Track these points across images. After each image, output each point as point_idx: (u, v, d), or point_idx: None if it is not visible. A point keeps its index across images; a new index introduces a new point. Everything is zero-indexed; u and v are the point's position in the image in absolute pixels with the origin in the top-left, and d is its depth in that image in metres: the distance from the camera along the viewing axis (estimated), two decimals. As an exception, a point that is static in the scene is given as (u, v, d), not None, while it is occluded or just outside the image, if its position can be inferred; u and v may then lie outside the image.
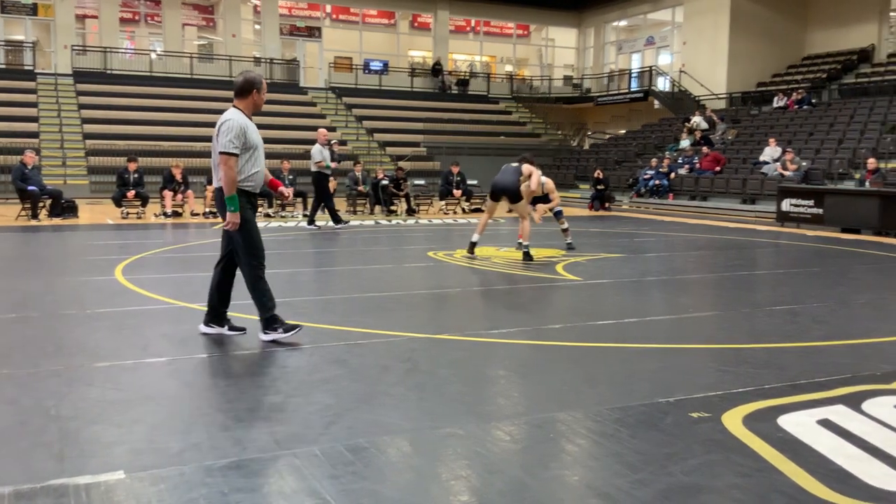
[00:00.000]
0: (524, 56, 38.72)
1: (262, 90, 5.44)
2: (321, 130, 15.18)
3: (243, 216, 5.30)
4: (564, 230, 11.23)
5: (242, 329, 5.63)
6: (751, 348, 5.49)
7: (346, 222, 15.03)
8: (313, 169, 14.52)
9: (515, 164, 10.10)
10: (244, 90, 5.41)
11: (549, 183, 10.97)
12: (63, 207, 15.62)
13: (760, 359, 5.18)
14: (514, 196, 9.91)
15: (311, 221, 14.59)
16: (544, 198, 11.07)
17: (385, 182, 18.74)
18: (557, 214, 11.23)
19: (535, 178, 10.05)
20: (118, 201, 16.32)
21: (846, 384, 4.54)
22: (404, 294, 7.66)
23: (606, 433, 3.71)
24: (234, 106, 5.43)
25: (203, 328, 5.64)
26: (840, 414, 4.00)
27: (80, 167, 22.90)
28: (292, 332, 5.41)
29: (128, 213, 16.20)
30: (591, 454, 3.48)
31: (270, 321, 5.40)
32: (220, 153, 5.26)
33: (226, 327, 5.63)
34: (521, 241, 10.02)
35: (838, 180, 18.30)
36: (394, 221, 16.76)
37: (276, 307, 5.44)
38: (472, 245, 10.16)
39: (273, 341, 5.35)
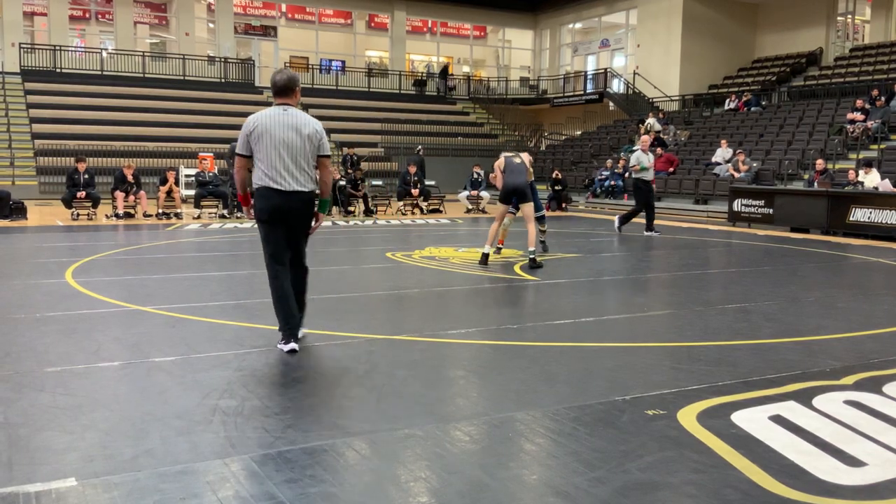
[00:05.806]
0: (481, 57, 38.84)
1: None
2: (644, 137, 15.34)
3: None
4: (542, 231, 10.95)
5: None
6: (704, 346, 5.57)
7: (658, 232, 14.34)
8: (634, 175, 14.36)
9: (519, 161, 9.66)
10: (290, 88, 5.20)
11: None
12: (11, 209, 15.25)
13: (713, 356, 5.27)
14: (525, 195, 9.61)
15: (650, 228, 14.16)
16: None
17: (342, 183, 18.63)
18: (541, 220, 10.81)
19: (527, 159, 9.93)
20: (68, 202, 15.99)
21: (797, 380, 4.63)
22: (362, 295, 7.63)
23: (564, 432, 3.73)
24: (290, 104, 5.19)
25: (292, 345, 5.15)
26: (791, 410, 4.09)
27: (29, 167, 22.37)
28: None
29: (78, 215, 15.86)
30: (549, 453, 3.50)
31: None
32: (327, 157, 5.24)
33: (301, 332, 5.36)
34: (531, 248, 9.61)
35: (787, 181, 18.72)
36: (351, 222, 16.68)
37: None
38: (486, 256, 9.74)
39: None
